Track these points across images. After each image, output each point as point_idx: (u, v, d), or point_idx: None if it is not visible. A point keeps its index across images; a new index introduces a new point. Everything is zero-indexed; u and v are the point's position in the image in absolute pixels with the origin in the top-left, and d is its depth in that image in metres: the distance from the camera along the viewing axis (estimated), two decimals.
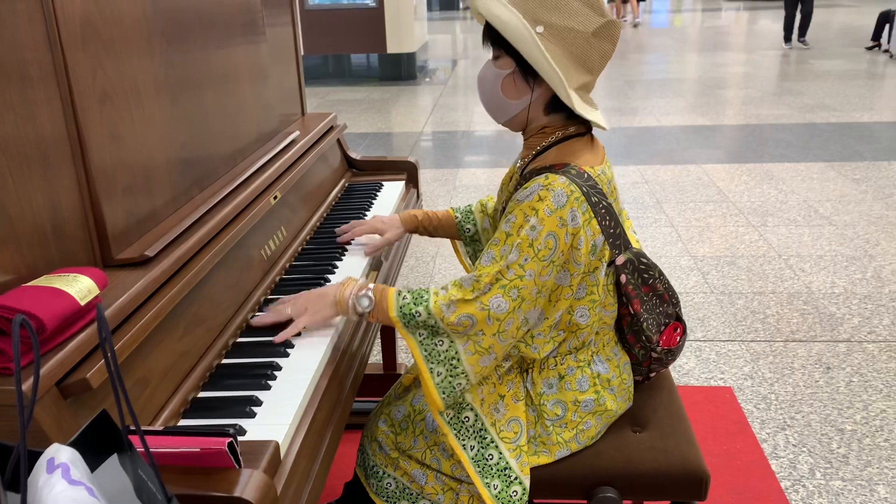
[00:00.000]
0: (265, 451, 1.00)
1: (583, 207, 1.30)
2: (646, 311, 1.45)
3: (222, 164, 1.58)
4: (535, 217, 1.28)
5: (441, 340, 1.32)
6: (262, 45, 1.84)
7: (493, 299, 1.28)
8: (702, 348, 2.87)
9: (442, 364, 1.32)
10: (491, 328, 1.29)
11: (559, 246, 1.29)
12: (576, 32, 1.31)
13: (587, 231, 1.31)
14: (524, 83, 1.37)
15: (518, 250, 1.28)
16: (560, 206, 1.28)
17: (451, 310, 1.29)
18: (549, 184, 1.29)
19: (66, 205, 1.09)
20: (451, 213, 1.78)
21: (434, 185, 5.05)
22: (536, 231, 1.27)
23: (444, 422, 1.40)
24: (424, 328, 1.32)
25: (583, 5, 1.31)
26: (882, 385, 2.58)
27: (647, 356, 1.50)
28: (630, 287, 1.42)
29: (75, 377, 0.92)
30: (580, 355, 1.44)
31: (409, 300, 1.32)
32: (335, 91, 8.81)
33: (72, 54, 1.08)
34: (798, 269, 3.55)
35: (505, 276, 1.28)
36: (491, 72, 1.40)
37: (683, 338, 1.53)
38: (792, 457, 2.23)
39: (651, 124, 6.70)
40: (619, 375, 1.49)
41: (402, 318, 1.32)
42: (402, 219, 1.78)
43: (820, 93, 7.66)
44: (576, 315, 1.38)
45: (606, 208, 1.36)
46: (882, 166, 5.15)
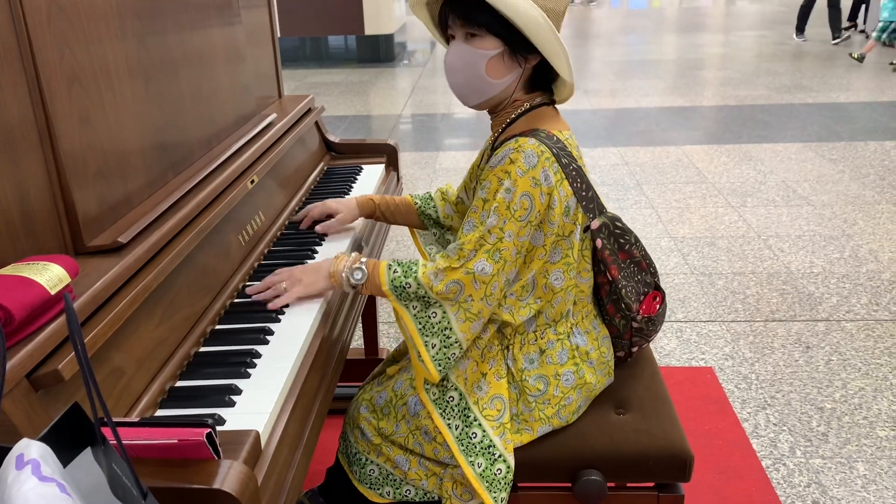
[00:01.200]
0: (245, 441, 0.97)
1: (554, 167, 1.33)
2: (624, 277, 1.46)
3: (198, 148, 1.55)
4: (509, 179, 1.30)
5: (434, 312, 1.34)
6: (237, 26, 1.80)
7: (478, 263, 1.31)
8: (682, 329, 2.88)
9: (436, 335, 1.35)
10: (478, 292, 1.32)
11: (535, 206, 1.31)
12: (553, 13, 1.34)
13: (560, 191, 1.34)
14: (513, 62, 1.37)
15: (496, 214, 1.30)
16: (531, 167, 1.30)
17: (440, 278, 1.31)
18: (519, 146, 1.31)
19: (34, 192, 1.06)
20: (409, 200, 1.77)
21: (414, 169, 5.02)
22: (511, 193, 1.30)
23: (429, 399, 1.40)
24: (417, 300, 1.35)
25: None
26: (860, 363, 2.60)
27: (628, 326, 1.50)
28: (606, 252, 1.43)
29: (46, 369, 0.89)
30: (559, 328, 1.45)
31: (399, 273, 1.35)
32: (313, 73, 8.71)
33: (37, 35, 1.04)
34: (777, 249, 3.57)
35: (487, 240, 1.31)
36: (470, 54, 1.37)
37: (663, 306, 1.54)
38: (773, 436, 2.25)
39: (630, 105, 6.69)
40: (597, 349, 1.50)
41: (394, 291, 1.35)
42: (359, 202, 1.77)
43: (797, 73, 7.70)
44: (551, 278, 1.40)
45: (577, 170, 1.38)
46: (859, 146, 5.18)
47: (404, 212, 1.77)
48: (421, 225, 1.77)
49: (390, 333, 2.94)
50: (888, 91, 6.79)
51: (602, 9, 15.21)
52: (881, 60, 8.39)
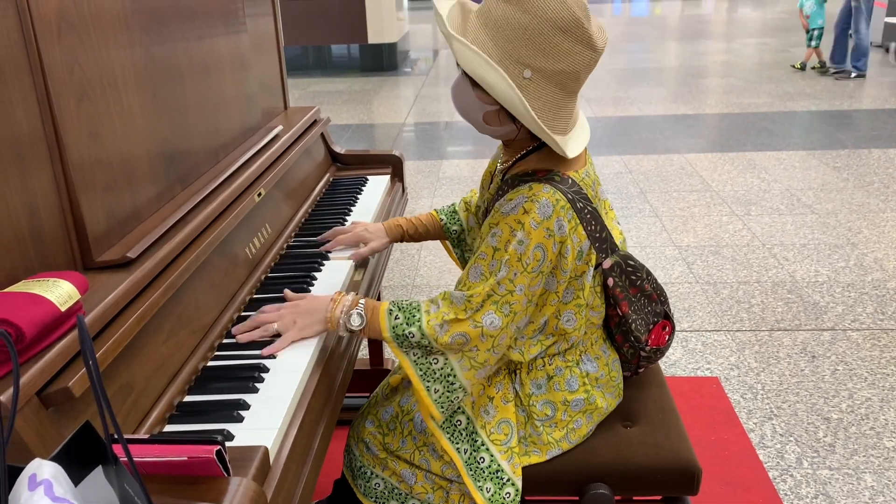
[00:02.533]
0: (254, 458, 0.97)
1: (568, 215, 1.28)
2: (633, 311, 1.45)
3: (205, 161, 1.55)
4: (522, 231, 1.25)
5: (436, 359, 1.30)
6: (243, 37, 1.81)
7: (486, 316, 1.27)
8: (688, 339, 2.88)
9: (438, 381, 1.31)
10: (485, 344, 1.28)
11: (547, 256, 1.27)
12: (565, 73, 1.24)
13: (573, 238, 1.30)
14: (508, 120, 1.33)
15: (507, 266, 1.26)
16: (546, 217, 1.26)
17: (445, 329, 1.27)
18: (534, 195, 1.27)
19: (43, 206, 1.06)
20: (434, 216, 1.75)
21: (418, 177, 5.02)
22: (524, 245, 1.26)
23: (436, 426, 1.39)
24: (418, 348, 1.31)
25: (575, 43, 1.21)
26: (867, 373, 2.59)
27: (636, 355, 1.50)
28: (618, 290, 1.41)
29: (57, 386, 0.89)
30: (568, 356, 1.43)
31: (401, 320, 1.30)
32: (316, 82, 8.73)
33: (47, 50, 1.05)
34: (782, 258, 3.56)
35: (496, 292, 1.27)
36: (472, 100, 1.33)
37: (672, 336, 1.53)
38: (779, 446, 2.24)
39: (634, 114, 6.70)
40: (608, 373, 1.49)
41: (395, 339, 1.31)
42: (387, 228, 1.75)
43: (800, 81, 7.70)
44: (562, 320, 1.37)
45: (591, 213, 1.34)
46: (862, 154, 5.18)
47: (431, 230, 1.75)
48: (448, 240, 1.76)
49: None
50: (891, 99, 6.80)
51: (604, 16, 15.25)
52: (882, 69, 8.40)
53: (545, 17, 1.19)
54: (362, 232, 1.72)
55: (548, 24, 1.19)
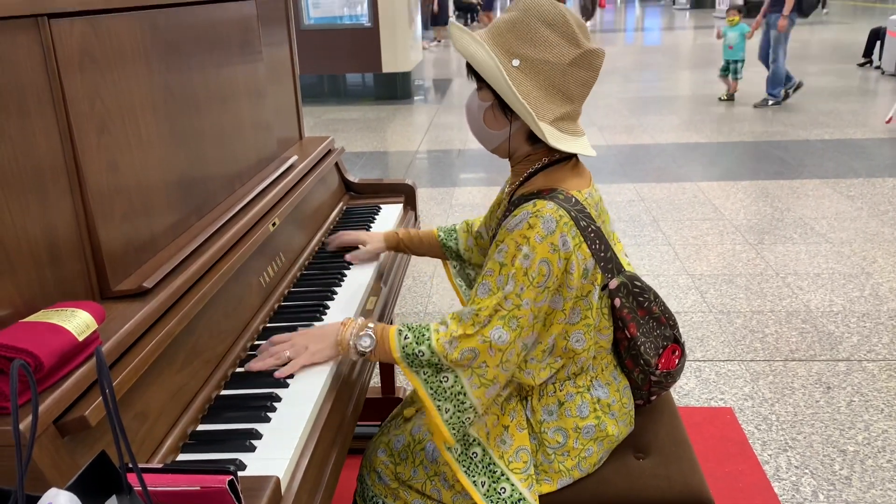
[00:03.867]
0: (266, 488, 0.98)
1: (572, 232, 1.30)
2: (642, 334, 1.45)
3: (221, 190, 1.57)
4: (527, 245, 1.28)
5: (446, 376, 1.31)
6: (259, 66, 1.84)
7: (494, 331, 1.28)
8: (701, 368, 2.86)
9: (449, 400, 1.32)
10: (494, 359, 1.29)
11: (553, 271, 1.29)
12: (551, 65, 1.31)
13: (578, 255, 1.31)
14: (503, 116, 1.39)
15: (514, 280, 1.28)
16: (550, 232, 1.28)
17: (454, 346, 1.28)
18: (538, 210, 1.29)
19: (63, 237, 1.08)
20: (433, 233, 1.83)
21: (430, 204, 5.05)
22: (530, 259, 1.27)
23: (453, 458, 1.38)
24: (429, 366, 1.32)
25: (559, 38, 1.30)
26: (883, 405, 2.57)
27: (647, 380, 1.49)
28: (625, 311, 1.42)
29: (73, 415, 0.91)
30: (579, 381, 1.43)
31: (410, 339, 1.32)
32: (331, 110, 8.83)
33: (69, 84, 1.07)
34: (796, 288, 3.55)
35: (503, 306, 1.28)
36: (475, 102, 1.44)
37: (682, 360, 1.52)
38: (794, 479, 2.22)
39: (646, 142, 6.72)
40: (619, 400, 1.48)
41: (405, 359, 1.32)
42: (385, 236, 1.87)
43: (813, 109, 7.70)
44: (571, 340, 1.38)
45: (595, 232, 1.36)
46: (877, 183, 5.17)
47: (427, 244, 1.83)
48: (445, 256, 1.81)
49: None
50: None
51: (616, 45, 15.35)
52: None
53: (533, 11, 1.32)
54: (361, 234, 1.87)
55: (535, 17, 1.31)
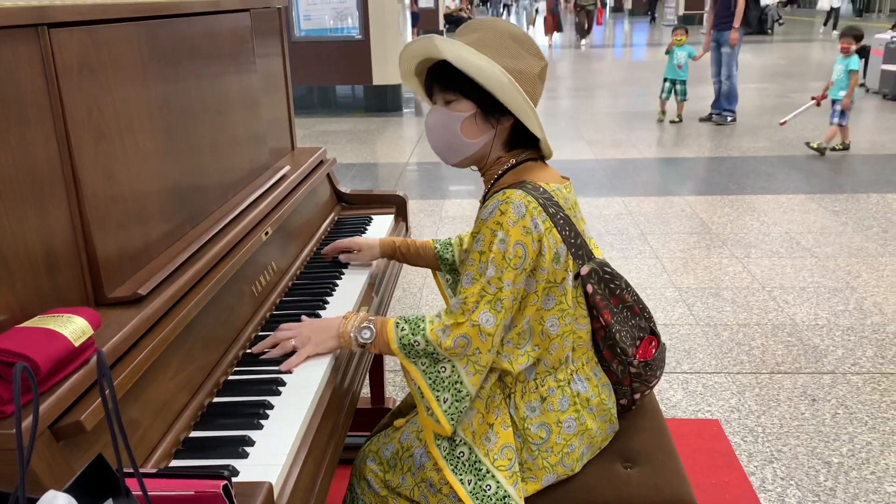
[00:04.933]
0: (258, 494, 0.99)
1: (542, 216, 1.37)
2: (617, 322, 1.50)
3: (215, 199, 1.59)
4: (502, 230, 1.35)
5: (443, 367, 1.37)
6: (253, 78, 1.85)
7: (481, 315, 1.34)
8: (688, 380, 2.89)
9: (447, 390, 1.37)
10: (486, 344, 1.35)
11: (528, 253, 1.35)
12: (526, 75, 1.41)
13: (549, 238, 1.38)
14: (486, 123, 1.45)
15: (493, 265, 1.35)
16: (521, 216, 1.35)
17: (447, 334, 1.35)
18: (507, 198, 1.36)
19: (60, 244, 1.09)
20: (430, 244, 1.86)
21: (420, 216, 5.07)
22: (505, 243, 1.34)
23: (440, 455, 1.41)
24: (425, 356, 1.37)
25: (526, 52, 1.43)
26: (867, 417, 2.60)
27: (626, 372, 1.52)
28: (598, 297, 1.47)
29: (69, 419, 0.91)
30: (559, 375, 1.47)
31: (407, 331, 1.38)
32: (321, 122, 8.85)
33: (68, 94, 1.09)
34: (782, 301, 3.58)
35: (487, 291, 1.35)
36: (446, 117, 1.47)
37: (660, 350, 1.56)
38: (780, 490, 2.24)
39: (634, 156, 6.77)
40: (598, 395, 1.52)
41: (402, 349, 1.38)
42: (381, 243, 1.89)
43: (799, 126, 7.79)
44: (546, 325, 1.43)
45: (565, 219, 1.43)
46: (861, 198, 5.23)
47: (423, 255, 1.85)
48: (439, 267, 1.84)
49: (395, 382, 2.94)
50: (889, 145, 6.87)
51: (605, 61, 15.47)
52: (881, 115, 8.50)
53: (500, 29, 1.43)
54: (358, 239, 1.90)
55: (504, 33, 1.43)
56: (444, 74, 1.43)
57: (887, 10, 25.25)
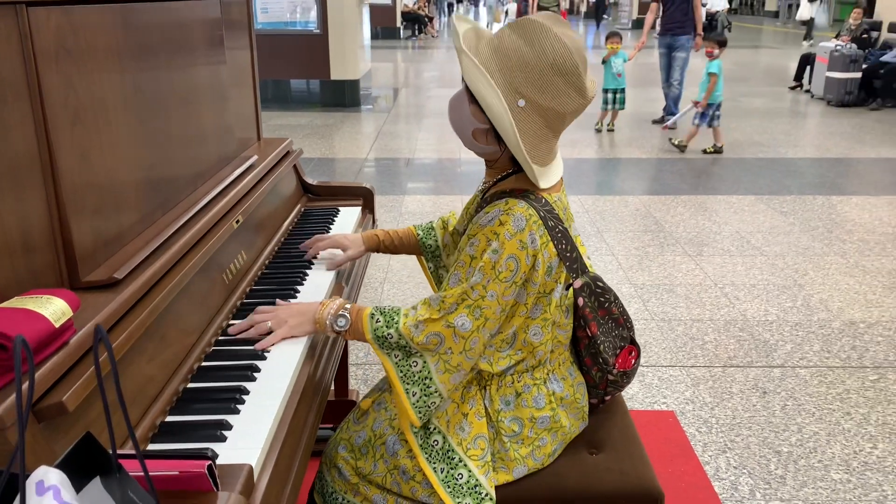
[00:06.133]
0: (240, 474, 0.99)
1: (540, 231, 1.37)
2: (602, 333, 1.51)
3: (185, 187, 1.58)
4: (497, 241, 1.34)
5: (415, 361, 1.37)
6: (222, 69, 1.84)
7: (458, 318, 1.34)
8: (645, 373, 2.96)
9: (416, 384, 1.38)
10: (458, 346, 1.35)
11: (521, 267, 1.35)
12: (555, 112, 1.34)
13: (544, 253, 1.38)
14: (495, 142, 1.42)
15: (481, 272, 1.34)
16: (520, 230, 1.34)
17: (420, 329, 1.35)
18: (509, 209, 1.35)
19: (35, 226, 1.08)
20: (412, 231, 1.83)
21: (380, 212, 5.07)
22: (498, 254, 1.33)
23: (415, 443, 1.43)
24: (399, 349, 1.38)
25: (569, 88, 1.32)
26: (814, 408, 2.70)
27: (604, 378, 1.55)
28: (587, 310, 1.49)
29: (50, 400, 0.91)
30: (536, 374, 1.49)
31: (381, 323, 1.38)
32: (277, 116, 8.76)
33: (46, 75, 1.08)
34: (733, 298, 3.69)
35: (469, 296, 1.35)
36: (465, 114, 1.42)
37: (637, 361, 1.60)
38: (733, 478, 2.31)
39: (590, 156, 6.88)
40: (573, 395, 1.54)
41: (376, 340, 1.39)
42: (364, 237, 1.84)
43: (748, 129, 8.01)
44: (530, 333, 1.44)
45: (563, 232, 1.43)
46: (807, 200, 5.41)
47: (407, 243, 1.82)
48: (423, 255, 1.82)
49: (358, 375, 2.95)
50: (833, 149, 7.11)
51: None
52: (825, 120, 8.79)
53: (548, 57, 1.29)
54: (340, 238, 1.81)
55: (549, 64, 1.29)
56: None
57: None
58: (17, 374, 0.58)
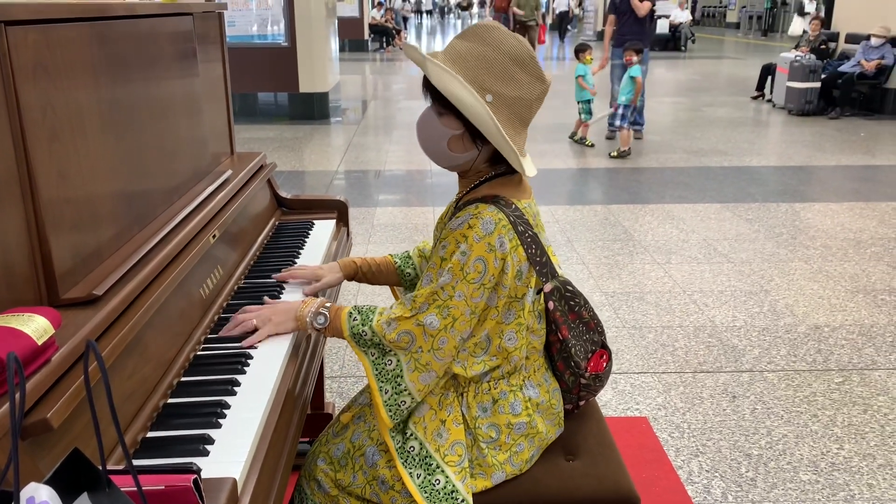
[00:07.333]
0: (224, 488, 1.00)
1: (510, 234, 1.41)
2: (573, 337, 1.55)
3: (161, 202, 1.58)
4: (465, 243, 1.38)
5: (390, 360, 1.42)
6: (195, 81, 1.85)
7: (427, 316, 1.39)
8: (617, 380, 3.00)
9: (388, 382, 1.42)
10: (427, 344, 1.39)
11: (489, 269, 1.39)
12: (522, 100, 1.41)
13: (514, 257, 1.42)
14: (472, 143, 1.46)
15: (450, 273, 1.39)
16: (488, 233, 1.38)
17: (392, 327, 1.40)
18: (479, 212, 1.40)
19: (14, 244, 1.08)
20: (390, 259, 1.82)
21: (352, 224, 5.04)
22: (466, 256, 1.38)
23: (394, 447, 1.45)
24: (374, 347, 1.43)
25: (529, 76, 1.40)
26: (782, 412, 2.76)
27: (577, 382, 1.58)
28: (558, 314, 1.53)
29: (34, 418, 0.91)
30: (512, 380, 1.52)
31: (358, 321, 1.44)
32: (245, 129, 8.72)
33: (24, 92, 1.08)
34: (702, 304, 3.76)
35: (439, 296, 1.39)
36: (436, 128, 1.46)
37: (609, 364, 1.63)
38: (706, 482, 2.36)
39: (559, 166, 6.95)
40: (548, 400, 1.57)
41: (353, 338, 1.44)
42: (342, 264, 1.81)
43: (713, 139, 8.16)
44: (505, 339, 1.47)
45: (532, 237, 1.47)
46: (771, 207, 5.52)
47: (385, 272, 1.81)
48: (400, 283, 1.82)
49: (333, 388, 2.95)
50: (794, 157, 7.27)
51: None
52: (787, 129, 8.98)
53: (503, 49, 1.38)
54: (316, 268, 1.80)
55: (506, 56, 1.38)
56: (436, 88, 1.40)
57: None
58: (10, 389, 0.58)
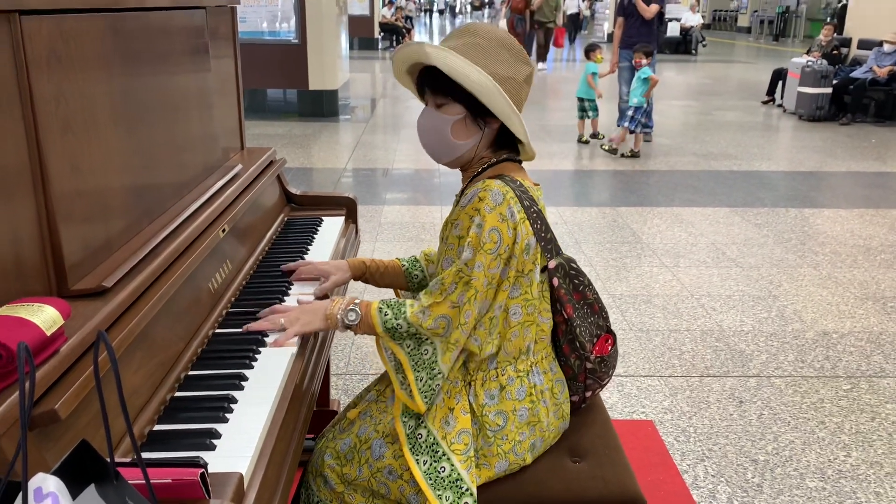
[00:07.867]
0: (230, 482, 1.00)
1: (518, 206, 1.45)
2: (578, 317, 1.58)
3: (172, 195, 1.58)
4: (479, 216, 1.41)
5: (426, 349, 1.44)
6: (207, 76, 1.85)
7: (459, 295, 1.41)
8: (623, 383, 2.99)
9: (424, 369, 1.43)
10: (455, 321, 1.42)
11: (503, 239, 1.42)
12: (514, 81, 1.47)
13: (522, 229, 1.45)
14: (475, 125, 1.50)
15: (470, 248, 1.41)
16: (498, 203, 1.42)
17: (427, 314, 1.41)
18: (486, 186, 1.44)
19: (25, 234, 1.08)
20: (397, 262, 1.82)
21: (360, 222, 5.06)
22: (481, 228, 1.41)
23: (403, 432, 1.46)
24: (410, 338, 1.44)
25: (514, 58, 1.48)
26: (790, 417, 2.74)
27: (583, 367, 1.59)
28: (562, 291, 1.55)
29: (42, 408, 0.91)
30: (519, 365, 1.53)
31: (390, 315, 1.44)
32: (255, 125, 8.73)
33: (37, 83, 1.08)
34: (709, 308, 3.74)
35: (464, 272, 1.41)
36: (437, 119, 1.51)
37: (615, 349, 1.64)
38: (711, 486, 2.34)
39: (567, 168, 6.94)
40: (551, 389, 1.58)
41: (387, 332, 1.45)
42: (351, 264, 1.81)
43: (723, 143, 8.13)
44: (510, 313, 1.50)
45: (537, 213, 1.50)
46: (781, 212, 5.50)
47: (392, 274, 1.81)
48: (408, 287, 1.82)
49: (338, 385, 2.95)
50: (805, 162, 7.24)
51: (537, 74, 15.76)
52: (798, 134, 8.95)
53: (493, 36, 1.48)
54: (323, 265, 1.80)
55: (496, 41, 1.47)
56: (435, 79, 1.47)
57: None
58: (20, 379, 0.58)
